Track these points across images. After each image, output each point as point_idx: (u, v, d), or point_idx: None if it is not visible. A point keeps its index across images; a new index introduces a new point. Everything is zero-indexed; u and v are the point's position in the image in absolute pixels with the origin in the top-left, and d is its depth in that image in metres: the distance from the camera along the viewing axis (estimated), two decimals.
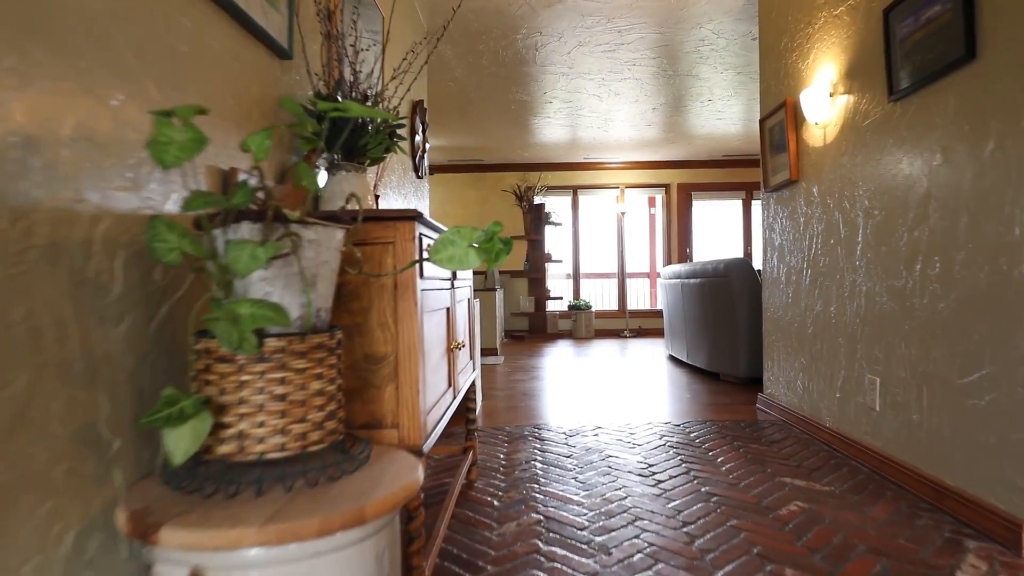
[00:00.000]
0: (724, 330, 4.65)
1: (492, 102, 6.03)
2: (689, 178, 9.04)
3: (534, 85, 5.53)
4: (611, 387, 4.57)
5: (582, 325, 8.61)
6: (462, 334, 2.13)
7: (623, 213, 8.86)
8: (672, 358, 6.19)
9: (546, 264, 8.77)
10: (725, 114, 6.53)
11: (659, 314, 9.11)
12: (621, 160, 8.88)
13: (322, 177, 1.85)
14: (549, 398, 4.19)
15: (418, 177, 3.87)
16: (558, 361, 6.24)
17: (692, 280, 5.18)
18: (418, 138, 3.78)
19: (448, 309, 1.83)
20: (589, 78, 5.37)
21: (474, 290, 7.67)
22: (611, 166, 8.99)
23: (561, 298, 8.88)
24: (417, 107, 3.75)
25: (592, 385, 4.68)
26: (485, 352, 6.58)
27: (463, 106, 6.12)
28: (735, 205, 9.20)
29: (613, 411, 3.73)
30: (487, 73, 5.20)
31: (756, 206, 9.12)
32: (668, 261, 9.11)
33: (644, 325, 9.06)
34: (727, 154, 8.52)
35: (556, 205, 9.12)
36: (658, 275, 9.49)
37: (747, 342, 4.44)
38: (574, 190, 9.07)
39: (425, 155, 4.04)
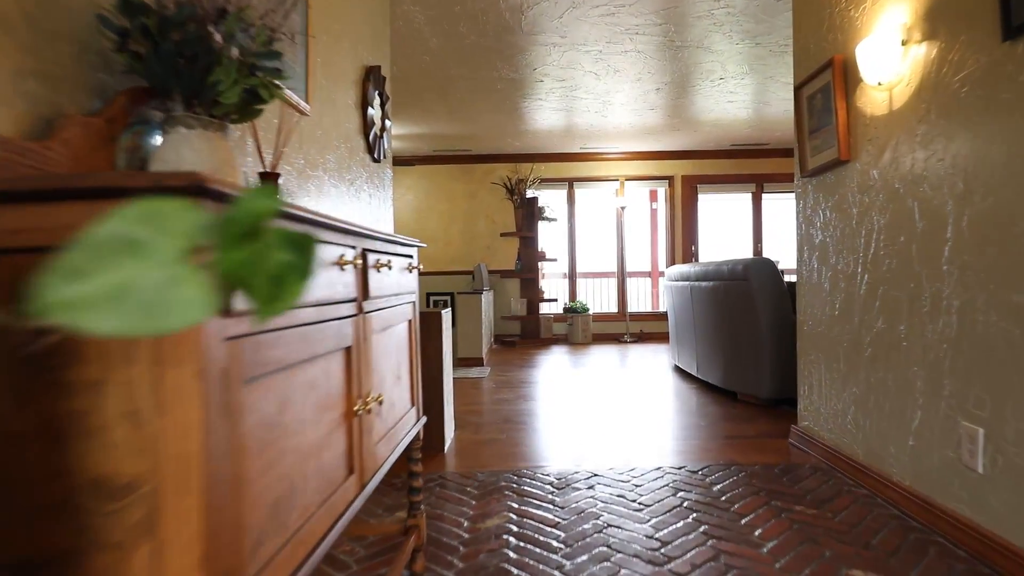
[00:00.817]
0: (743, 342, 3.96)
1: (476, 82, 5.32)
2: (694, 170, 8.33)
3: (522, 59, 4.82)
4: (610, 409, 3.86)
5: (579, 329, 7.92)
6: (387, 377, 1.43)
7: (623, 208, 8.16)
8: (679, 370, 5.49)
9: (540, 263, 8.07)
10: (737, 96, 5.82)
11: (662, 317, 8.41)
12: (621, 150, 8.18)
13: (157, 139, 1.15)
14: (537, 426, 3.49)
15: (374, 160, 3.17)
16: (551, 373, 5.54)
17: (704, 283, 4.48)
18: (373, 112, 3.07)
19: (349, 349, 1.13)
20: (585, 50, 4.66)
21: (457, 294, 6.99)
22: (610, 156, 8.28)
23: (556, 300, 8.19)
24: (372, 73, 3.04)
25: (588, 406, 3.98)
26: (468, 363, 5.88)
27: (443, 86, 5.41)
28: (744, 199, 8.50)
29: (613, 446, 3.03)
30: (467, 44, 4.49)
31: (767, 200, 8.42)
32: (672, 260, 8.41)
33: (646, 329, 8.37)
34: (736, 143, 7.82)
35: (550, 199, 8.42)
36: (661, 274, 8.80)
37: (772, 358, 3.75)
38: (570, 183, 8.36)
39: (385, 134, 3.33)
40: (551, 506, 2.27)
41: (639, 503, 2.28)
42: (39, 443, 0.64)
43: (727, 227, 8.77)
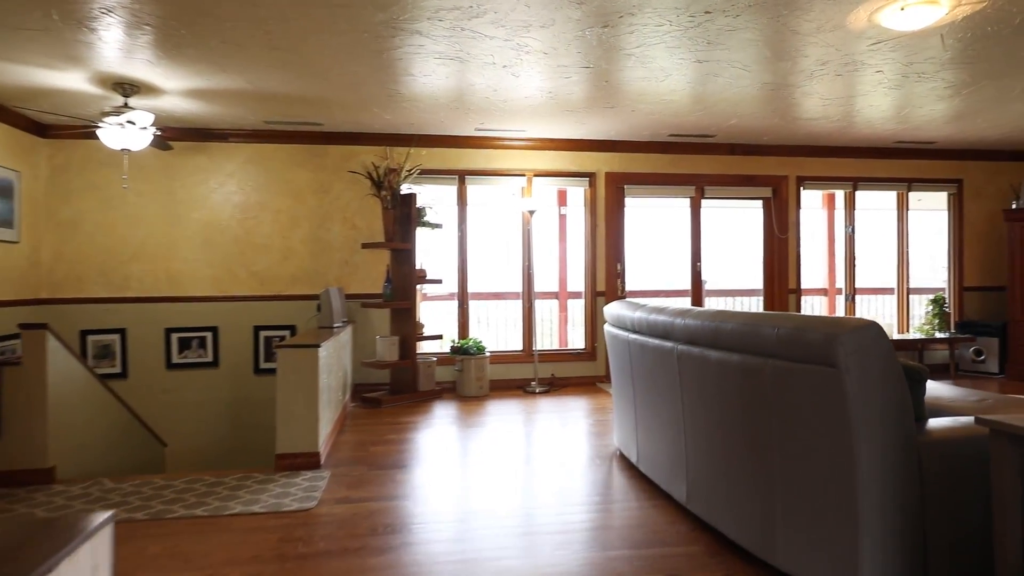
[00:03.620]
0: (805, 482, 1.99)
1: (314, 4, 3.04)
2: (622, 165, 6.47)
3: None
4: None
5: (471, 377, 5.77)
6: None
7: (531, 212, 6.12)
8: (632, 468, 3.49)
9: (418, 286, 5.84)
10: (681, 64, 3.94)
11: (576, 356, 6.46)
12: (530, 136, 6.14)
13: None
14: None
15: None
16: (426, 473, 3.34)
17: (709, 352, 2.48)
18: None
19: None
20: None
21: (278, 348, 4.69)
22: (515, 143, 6.22)
23: (440, 336, 5.98)
24: None
25: None
26: (293, 464, 3.55)
27: (265, 22, 3.08)
28: (680, 205, 6.76)
29: None
30: None
31: (707, 206, 6.72)
32: (591, 281, 6.48)
33: (560, 371, 6.37)
34: (676, 132, 6.03)
35: (435, 198, 6.21)
36: (570, 294, 6.86)
37: (880, 524, 1.79)
38: (461, 176, 6.21)
39: None
40: None
41: None
42: None
43: (660, 239, 7.00)
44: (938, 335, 6.60)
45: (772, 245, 6.75)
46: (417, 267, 5.68)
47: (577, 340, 6.70)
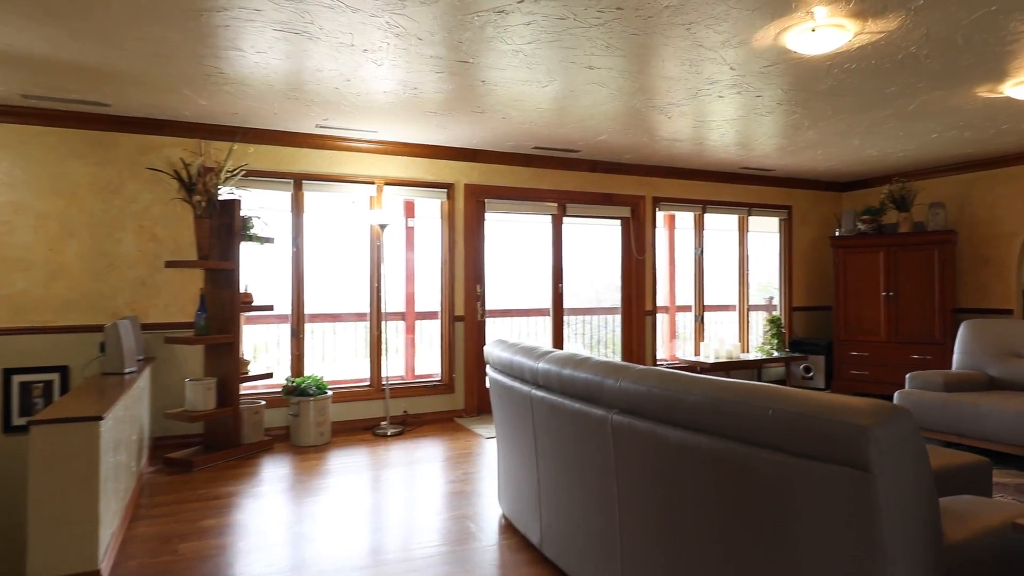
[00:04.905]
0: None
1: None
2: (483, 177, 5.90)
3: None
4: None
5: (310, 422, 4.81)
6: None
7: (383, 226, 5.31)
8: (531, 551, 2.87)
9: (242, 315, 4.75)
10: (548, 66, 3.50)
11: (434, 388, 5.75)
12: (382, 139, 5.33)
13: None
14: None
15: None
16: None
17: (670, 431, 1.95)
18: None
19: None
20: None
21: (31, 428, 3.36)
22: (365, 146, 5.37)
23: (270, 375, 4.93)
24: None
25: None
26: None
27: None
28: (542, 222, 6.35)
29: None
30: None
31: (569, 223, 6.39)
32: (448, 303, 5.82)
33: (414, 407, 5.62)
34: (542, 145, 5.60)
35: (264, 205, 5.15)
36: (420, 315, 6.14)
37: None
38: (298, 181, 5.21)
39: None
40: None
41: None
42: None
43: (520, 255, 6.54)
44: (776, 354, 6.90)
45: (630, 265, 6.61)
46: (242, 290, 4.60)
47: (428, 366, 5.99)
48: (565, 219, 6.33)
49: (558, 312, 6.36)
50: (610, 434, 2.17)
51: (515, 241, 6.45)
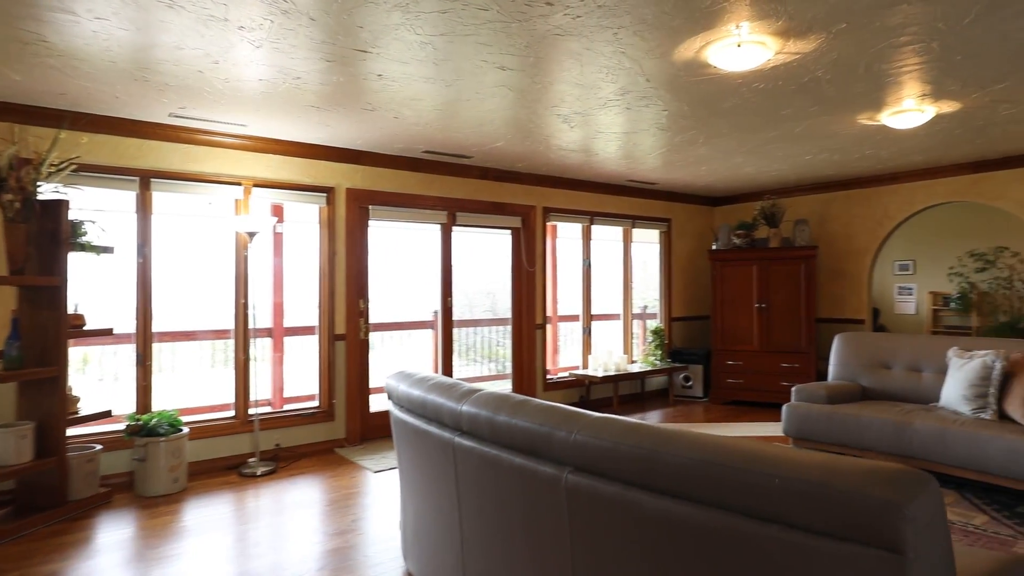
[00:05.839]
0: None
1: None
2: (367, 181, 5.37)
3: None
4: None
5: (161, 467, 4.03)
6: None
7: (252, 234, 4.62)
8: None
9: (68, 341, 3.87)
10: (483, 68, 3.20)
11: (311, 417, 5.13)
12: (251, 134, 4.64)
13: None
14: None
15: None
16: None
17: (644, 497, 1.65)
18: None
19: None
20: None
21: None
22: (230, 141, 4.65)
23: (108, 412, 4.07)
24: None
25: None
26: None
27: None
28: (431, 231, 5.94)
29: None
30: None
31: (459, 233, 6.03)
32: (328, 318, 5.23)
33: (287, 439, 4.96)
34: (432, 149, 5.20)
35: (99, 207, 4.27)
36: (288, 331, 5.50)
37: None
38: (145, 179, 4.38)
39: None
40: None
41: None
42: None
43: (405, 264, 6.07)
44: (659, 364, 7.01)
45: (520, 276, 6.39)
46: (72, 310, 3.74)
47: (299, 387, 5.36)
48: (455, 228, 5.96)
49: (447, 325, 5.98)
50: (564, 497, 1.85)
51: (402, 251, 5.98)
